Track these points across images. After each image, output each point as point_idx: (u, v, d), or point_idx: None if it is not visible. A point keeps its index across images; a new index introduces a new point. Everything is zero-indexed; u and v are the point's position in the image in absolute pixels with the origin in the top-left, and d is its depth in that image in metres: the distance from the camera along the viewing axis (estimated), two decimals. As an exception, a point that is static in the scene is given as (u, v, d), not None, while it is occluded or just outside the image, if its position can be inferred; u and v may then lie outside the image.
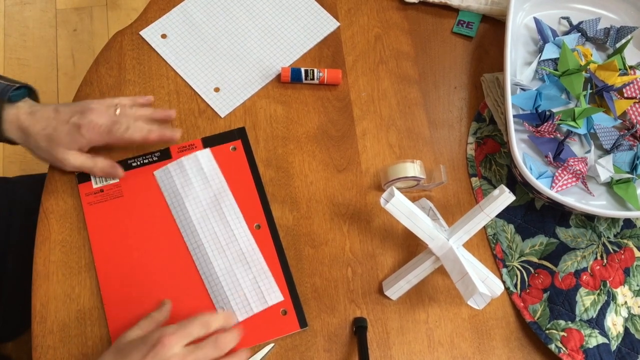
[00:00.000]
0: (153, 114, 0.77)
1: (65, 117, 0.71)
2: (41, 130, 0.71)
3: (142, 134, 0.73)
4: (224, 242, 0.73)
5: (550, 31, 0.84)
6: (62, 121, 0.71)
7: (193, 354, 0.60)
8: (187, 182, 0.75)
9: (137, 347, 0.60)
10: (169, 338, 0.59)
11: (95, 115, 0.72)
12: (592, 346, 0.70)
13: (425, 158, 0.81)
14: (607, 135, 0.77)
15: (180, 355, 0.59)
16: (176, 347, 0.60)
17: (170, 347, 0.59)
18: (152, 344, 0.59)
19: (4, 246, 0.86)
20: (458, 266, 0.66)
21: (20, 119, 0.71)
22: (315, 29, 0.87)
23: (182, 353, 0.60)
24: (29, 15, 1.78)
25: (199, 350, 0.61)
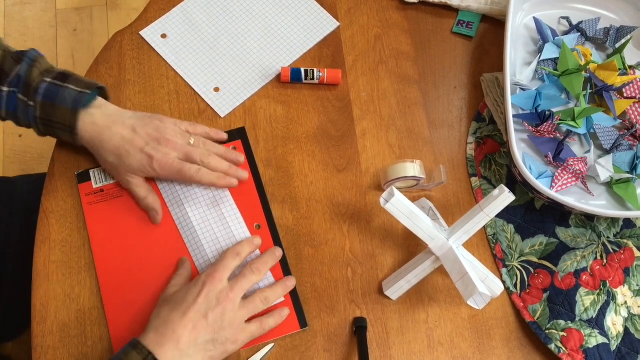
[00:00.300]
0: (225, 153, 0.76)
1: (140, 143, 0.70)
2: (114, 149, 0.71)
3: (211, 179, 0.72)
4: (224, 244, 0.73)
5: (550, 31, 0.84)
6: (137, 148, 0.70)
7: (239, 284, 0.66)
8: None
9: (188, 291, 0.64)
10: (213, 276, 0.65)
11: (171, 147, 0.71)
12: (592, 346, 0.70)
13: (425, 158, 0.81)
14: (607, 135, 0.77)
15: (228, 287, 0.65)
16: (223, 282, 0.65)
17: (219, 283, 0.64)
18: (201, 285, 0.64)
19: (4, 246, 0.86)
20: (458, 266, 0.66)
21: (95, 131, 0.71)
22: (315, 29, 0.87)
23: (229, 285, 0.65)
24: (29, 15, 1.78)
25: (242, 279, 0.66)
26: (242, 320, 0.65)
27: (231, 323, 0.64)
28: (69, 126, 0.70)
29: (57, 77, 0.70)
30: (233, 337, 0.64)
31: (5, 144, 1.61)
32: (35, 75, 0.70)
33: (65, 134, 0.71)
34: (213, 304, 0.63)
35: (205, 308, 0.63)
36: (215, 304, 0.63)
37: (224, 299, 0.64)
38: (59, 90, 0.70)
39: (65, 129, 0.70)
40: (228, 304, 0.64)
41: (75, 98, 0.69)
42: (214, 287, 0.64)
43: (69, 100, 0.69)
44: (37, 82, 0.69)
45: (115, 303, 0.70)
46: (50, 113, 0.70)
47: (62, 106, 0.69)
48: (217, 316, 0.63)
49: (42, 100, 0.69)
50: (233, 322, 0.64)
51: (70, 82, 0.70)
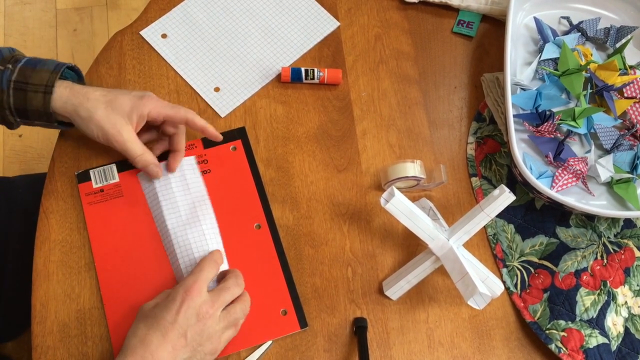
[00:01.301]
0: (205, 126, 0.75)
1: (126, 91, 0.72)
2: (101, 95, 0.70)
3: (203, 121, 0.73)
4: (197, 254, 0.71)
5: (550, 31, 0.84)
6: (124, 92, 0.71)
7: (221, 298, 0.64)
8: (167, 186, 0.74)
9: (165, 308, 0.62)
10: (192, 289, 0.62)
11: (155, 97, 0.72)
12: (592, 346, 0.70)
13: (425, 158, 0.81)
14: (607, 135, 0.77)
15: (209, 302, 0.62)
16: (202, 295, 0.62)
17: (197, 296, 0.62)
18: (179, 301, 0.61)
19: (4, 246, 0.86)
20: (458, 266, 0.66)
21: (75, 87, 0.70)
22: (315, 28, 0.87)
23: (209, 300, 0.63)
24: (29, 15, 1.78)
25: (224, 292, 0.64)
26: (220, 334, 0.64)
27: (210, 337, 0.62)
28: (45, 85, 0.68)
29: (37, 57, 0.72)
30: (212, 350, 0.63)
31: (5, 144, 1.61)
32: (17, 53, 0.71)
33: (37, 96, 0.68)
34: (192, 320, 0.61)
35: (185, 326, 0.60)
36: (194, 321, 0.61)
37: (203, 315, 0.61)
38: (41, 60, 0.70)
39: (39, 90, 0.68)
40: (208, 320, 0.62)
41: (58, 64, 0.70)
42: (193, 302, 0.61)
43: (50, 64, 0.70)
44: (19, 56, 0.70)
45: (115, 303, 0.70)
46: (29, 76, 0.68)
47: (42, 69, 0.69)
48: (196, 333, 0.61)
49: (22, 65, 0.69)
50: (212, 337, 0.62)
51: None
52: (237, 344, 0.69)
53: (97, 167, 0.76)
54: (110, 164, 0.76)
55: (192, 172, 0.76)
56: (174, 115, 0.72)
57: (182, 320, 0.61)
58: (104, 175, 0.76)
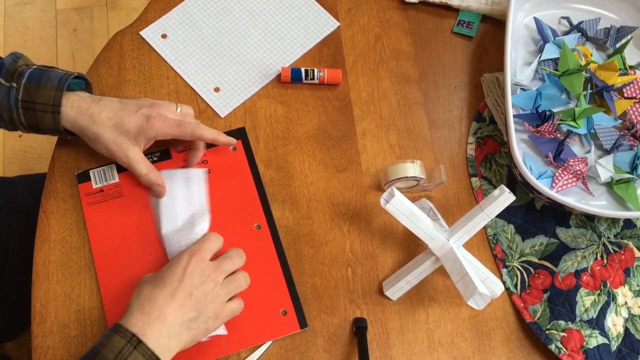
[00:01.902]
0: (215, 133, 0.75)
1: (132, 108, 0.70)
2: (108, 119, 0.69)
3: (212, 133, 0.73)
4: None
5: (551, 31, 0.84)
6: (130, 111, 0.70)
7: (223, 264, 0.66)
8: (171, 194, 0.74)
9: (171, 269, 0.63)
10: (197, 254, 0.64)
11: (164, 109, 0.72)
12: (592, 346, 0.70)
13: (425, 158, 0.81)
14: (607, 135, 0.77)
15: (211, 266, 0.64)
16: (205, 261, 0.64)
17: (202, 261, 0.64)
18: (185, 263, 0.63)
19: (4, 246, 0.86)
20: (458, 266, 0.66)
21: (84, 106, 0.69)
22: (315, 29, 0.87)
23: (212, 265, 0.65)
24: (29, 15, 1.78)
25: (227, 260, 0.66)
26: (223, 299, 0.64)
27: (214, 300, 0.63)
28: (52, 104, 0.68)
29: (41, 66, 0.71)
30: (215, 315, 0.63)
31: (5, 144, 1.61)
32: (20, 64, 0.70)
33: (47, 115, 0.69)
34: (197, 281, 0.62)
35: (190, 286, 0.62)
36: (199, 283, 0.62)
37: (207, 278, 0.63)
38: (45, 73, 0.69)
39: (47, 110, 0.68)
40: (211, 282, 0.63)
41: (62, 77, 0.69)
42: (198, 266, 0.63)
43: (54, 79, 0.68)
44: (22, 69, 0.69)
45: (115, 303, 0.70)
46: (34, 94, 0.68)
47: (47, 85, 0.68)
48: (201, 294, 0.62)
49: (26, 82, 0.68)
50: (215, 300, 0.63)
51: (55, 68, 0.71)
52: (237, 344, 0.69)
53: (97, 168, 0.76)
54: (110, 164, 0.76)
55: (199, 185, 0.75)
56: (181, 135, 0.71)
57: (187, 280, 0.62)
58: (104, 175, 0.76)
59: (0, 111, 0.69)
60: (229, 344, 0.68)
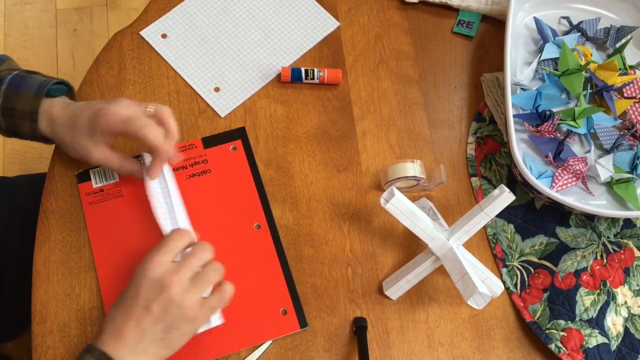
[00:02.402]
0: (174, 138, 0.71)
1: (92, 106, 0.69)
2: (66, 120, 0.69)
3: (158, 138, 0.67)
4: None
5: (550, 31, 0.84)
6: (87, 109, 0.68)
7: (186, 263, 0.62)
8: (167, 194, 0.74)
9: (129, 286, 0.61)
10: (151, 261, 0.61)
11: (121, 105, 0.67)
12: (592, 346, 0.70)
13: (425, 158, 0.81)
14: (607, 135, 0.77)
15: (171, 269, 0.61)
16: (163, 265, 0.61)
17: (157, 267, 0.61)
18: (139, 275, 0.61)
19: (4, 246, 0.86)
20: (458, 266, 0.66)
21: (52, 112, 0.69)
22: (315, 28, 0.87)
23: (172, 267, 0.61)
24: (29, 15, 1.78)
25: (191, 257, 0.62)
26: (195, 300, 0.60)
27: (181, 306, 0.59)
28: (30, 112, 0.68)
29: (24, 71, 0.70)
30: (189, 317, 0.60)
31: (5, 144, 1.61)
32: (2, 69, 0.70)
33: (25, 123, 0.69)
34: (155, 292, 0.59)
35: (147, 299, 0.59)
36: (157, 291, 0.59)
37: (167, 284, 0.59)
38: (25, 78, 0.69)
39: (25, 117, 0.68)
40: (173, 287, 0.59)
41: (41, 83, 0.69)
42: (153, 274, 0.60)
43: (34, 84, 0.68)
44: (2, 74, 0.69)
45: (115, 303, 0.70)
46: (13, 100, 0.68)
47: (25, 92, 0.68)
48: (161, 304, 0.59)
49: (6, 87, 0.68)
50: (182, 304, 0.59)
51: (37, 74, 0.70)
52: (237, 343, 0.69)
53: (97, 167, 0.76)
54: (110, 164, 0.76)
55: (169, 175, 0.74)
56: (126, 131, 0.67)
57: (143, 293, 0.60)
58: (104, 175, 0.76)
59: None
60: (229, 344, 0.68)
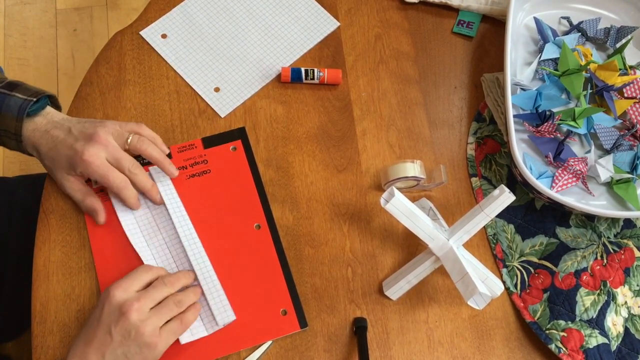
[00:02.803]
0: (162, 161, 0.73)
1: (70, 140, 0.70)
2: (48, 151, 0.71)
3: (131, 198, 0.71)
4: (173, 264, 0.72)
5: (551, 31, 0.84)
6: (67, 145, 0.69)
7: (148, 293, 0.63)
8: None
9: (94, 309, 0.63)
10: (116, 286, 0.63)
11: (102, 145, 0.69)
12: (592, 346, 0.70)
13: (425, 158, 0.81)
14: (607, 135, 0.77)
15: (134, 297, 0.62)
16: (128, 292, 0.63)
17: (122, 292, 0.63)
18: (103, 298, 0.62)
19: (4, 246, 0.86)
20: (458, 266, 0.66)
21: (35, 137, 0.71)
22: (315, 29, 0.87)
23: (135, 295, 0.63)
24: (29, 15, 1.78)
25: (151, 289, 0.64)
26: (155, 327, 0.62)
27: (140, 332, 0.61)
28: (14, 133, 0.70)
29: (4, 87, 0.71)
30: (150, 344, 0.61)
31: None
32: None
33: (11, 141, 0.72)
34: (115, 316, 0.61)
35: (109, 323, 0.61)
36: (117, 316, 0.61)
37: (127, 309, 0.61)
38: (5, 98, 0.70)
39: (10, 137, 0.71)
40: (132, 313, 0.61)
41: (21, 106, 0.69)
42: (115, 299, 0.62)
43: (14, 108, 0.69)
44: None
45: (115, 303, 0.70)
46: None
47: (7, 113, 0.69)
48: (122, 329, 0.60)
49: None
50: (142, 331, 0.61)
51: (17, 90, 0.71)
52: (237, 344, 0.69)
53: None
54: (110, 164, 0.76)
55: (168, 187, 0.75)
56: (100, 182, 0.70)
57: (105, 317, 0.61)
58: (104, 175, 0.76)
59: None
60: (229, 344, 0.68)
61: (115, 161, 0.70)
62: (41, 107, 0.72)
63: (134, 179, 0.71)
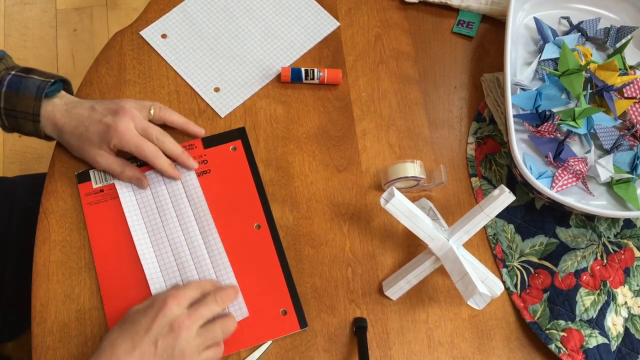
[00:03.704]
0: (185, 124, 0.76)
1: (98, 116, 0.71)
2: (74, 129, 0.71)
3: (164, 165, 0.73)
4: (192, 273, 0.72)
5: (550, 31, 0.84)
6: (95, 120, 0.71)
7: (198, 311, 0.63)
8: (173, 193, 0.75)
9: (143, 313, 0.62)
10: (171, 299, 0.62)
11: (129, 117, 0.71)
12: (592, 346, 0.70)
13: (425, 158, 0.81)
14: (607, 135, 0.77)
15: (185, 314, 0.62)
16: (180, 307, 0.62)
17: (175, 308, 0.62)
18: (156, 309, 0.62)
19: (4, 246, 0.86)
20: (458, 266, 0.66)
21: (56, 117, 0.72)
22: (315, 29, 0.87)
23: (187, 312, 0.62)
24: (29, 15, 1.78)
25: (203, 307, 0.64)
26: (198, 350, 0.62)
27: (183, 352, 0.61)
28: (32, 114, 0.71)
29: (21, 71, 0.72)
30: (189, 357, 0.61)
31: (5, 144, 1.61)
32: (0, 69, 0.72)
33: (28, 123, 0.72)
34: (165, 330, 0.60)
35: (157, 334, 0.60)
36: (167, 331, 0.60)
37: (178, 327, 0.61)
38: (23, 80, 0.71)
39: (28, 118, 0.71)
40: (183, 331, 0.61)
41: (39, 86, 0.71)
42: (170, 312, 0.61)
43: (32, 88, 0.70)
44: (1, 75, 0.71)
45: (115, 303, 0.70)
46: (14, 102, 0.70)
47: (25, 94, 0.70)
48: (167, 344, 0.60)
49: (5, 90, 0.70)
50: (185, 351, 0.61)
51: (33, 73, 0.72)
52: (237, 344, 0.69)
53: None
54: (110, 164, 0.76)
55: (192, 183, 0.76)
56: (135, 154, 0.72)
57: (155, 328, 0.60)
58: (104, 175, 0.76)
59: None
60: (229, 344, 0.68)
61: (143, 131, 0.72)
62: (57, 89, 0.74)
63: (162, 147, 0.73)
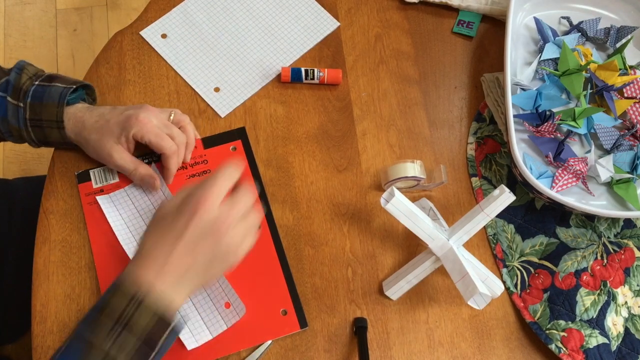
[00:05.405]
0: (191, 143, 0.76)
1: (119, 110, 0.72)
2: (94, 122, 0.72)
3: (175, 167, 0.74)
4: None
5: (551, 31, 0.84)
6: (117, 113, 0.72)
7: (234, 210, 0.60)
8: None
9: (176, 218, 0.60)
10: (204, 203, 0.59)
11: (151, 113, 0.72)
12: (592, 346, 0.70)
13: (425, 158, 0.81)
14: (607, 135, 0.77)
15: (223, 216, 0.59)
16: (214, 210, 0.59)
17: (210, 211, 0.59)
18: (188, 213, 0.59)
19: (4, 246, 0.86)
20: (458, 266, 0.66)
21: (79, 115, 0.72)
22: (315, 28, 0.87)
23: (224, 213, 0.60)
24: (29, 15, 1.78)
25: (238, 203, 0.61)
26: (239, 236, 0.61)
27: (229, 245, 0.60)
28: (56, 120, 0.71)
29: (44, 80, 0.73)
30: (232, 252, 0.61)
31: (5, 144, 1.61)
32: (24, 80, 0.72)
33: (53, 131, 0.72)
34: (206, 232, 0.59)
35: (196, 237, 0.58)
36: (209, 233, 0.59)
37: (217, 229, 0.59)
38: (46, 89, 0.72)
39: (53, 125, 0.71)
40: (225, 231, 0.59)
41: (61, 93, 0.71)
42: (207, 216, 0.59)
43: (55, 95, 0.71)
44: (26, 86, 0.72)
45: (115, 303, 0.70)
46: (39, 112, 0.71)
47: (49, 102, 0.71)
48: (211, 243, 0.59)
49: (31, 100, 0.71)
50: (231, 244, 0.60)
51: (57, 81, 0.73)
52: (237, 344, 0.69)
53: (97, 167, 0.76)
54: (110, 164, 0.76)
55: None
56: (154, 145, 0.71)
57: (192, 231, 0.58)
58: (104, 175, 0.76)
59: (10, 129, 0.73)
60: (229, 344, 0.68)
61: (164, 127, 0.72)
62: (80, 96, 0.75)
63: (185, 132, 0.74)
